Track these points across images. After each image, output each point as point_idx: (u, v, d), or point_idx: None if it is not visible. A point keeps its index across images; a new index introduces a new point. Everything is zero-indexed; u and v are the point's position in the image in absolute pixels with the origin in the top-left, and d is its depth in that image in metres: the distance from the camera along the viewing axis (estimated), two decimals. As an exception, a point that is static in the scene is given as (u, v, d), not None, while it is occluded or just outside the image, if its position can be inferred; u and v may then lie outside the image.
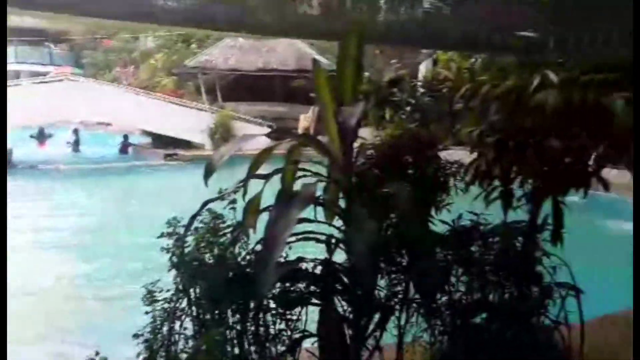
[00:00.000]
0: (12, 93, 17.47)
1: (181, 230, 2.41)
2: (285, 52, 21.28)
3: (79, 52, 36.23)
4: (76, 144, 18.73)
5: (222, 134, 17.85)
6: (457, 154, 2.93)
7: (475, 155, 2.60)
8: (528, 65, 2.88)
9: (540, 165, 2.50)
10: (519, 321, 2.59)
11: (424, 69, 18.02)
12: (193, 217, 2.41)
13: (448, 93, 14.91)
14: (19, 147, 17.02)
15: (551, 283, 2.61)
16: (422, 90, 16.11)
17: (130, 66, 28.30)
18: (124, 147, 19.13)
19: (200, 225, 2.48)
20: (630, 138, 2.24)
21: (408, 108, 14.64)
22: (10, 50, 36.48)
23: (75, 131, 18.91)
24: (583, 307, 2.63)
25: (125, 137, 19.40)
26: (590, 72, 2.39)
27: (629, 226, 2.57)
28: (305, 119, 20.18)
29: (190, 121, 18.18)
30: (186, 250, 2.40)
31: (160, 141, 18.48)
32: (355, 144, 2.67)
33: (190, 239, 2.45)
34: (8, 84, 19.52)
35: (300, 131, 20.13)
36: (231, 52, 21.82)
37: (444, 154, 2.74)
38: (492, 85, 2.47)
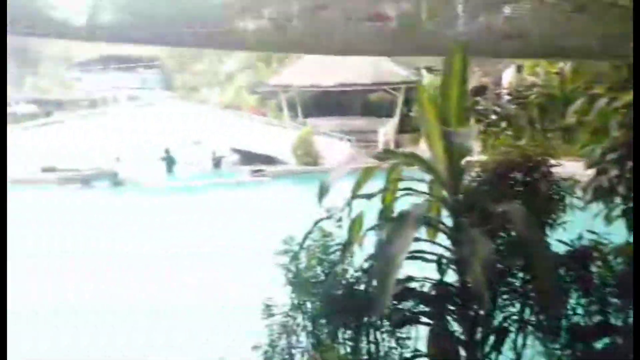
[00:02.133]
0: (112, 116, 19.17)
1: (295, 248, 2.52)
2: (363, 66, 21.44)
3: (170, 76, 38.89)
4: (169, 163, 19.95)
5: (304, 149, 18.28)
6: (568, 168, 2.82)
7: (593, 171, 2.48)
8: (623, 68, 2.71)
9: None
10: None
11: (508, 75, 17.38)
12: (306, 235, 2.52)
13: (536, 100, 14.25)
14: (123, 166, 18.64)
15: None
16: (507, 97, 15.53)
17: (216, 87, 29.88)
18: (216, 163, 20.19)
19: (311, 242, 2.58)
20: None
21: (494, 117, 14.15)
22: (110, 76, 40.04)
23: (167, 151, 20.16)
24: None
25: (214, 153, 20.50)
26: None
27: None
28: (385, 133, 20.15)
29: (274, 138, 18.82)
30: (300, 266, 2.51)
31: (248, 158, 19.28)
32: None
33: (302, 254, 2.56)
34: (108, 108, 21.51)
35: (380, 145, 20.13)
36: (311, 69, 22.36)
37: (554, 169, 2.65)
38: (610, 99, 2.36)
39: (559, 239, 2.45)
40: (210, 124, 18.93)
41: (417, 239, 2.47)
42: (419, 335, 2.59)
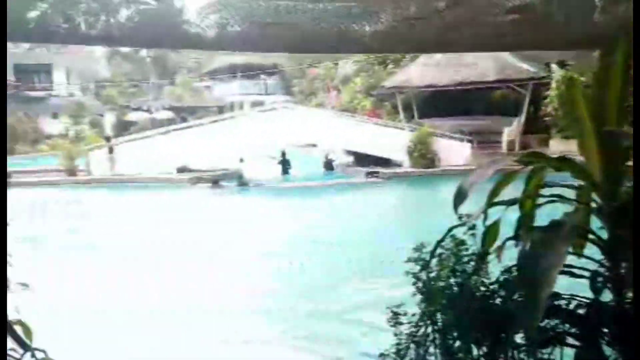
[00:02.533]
0: (239, 122, 20.44)
1: (426, 255, 2.41)
2: (485, 63, 20.36)
3: (289, 81, 40.59)
4: (284, 165, 20.75)
5: (420, 150, 17.87)
6: None
7: None
8: None
9: None
10: None
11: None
12: (438, 243, 2.39)
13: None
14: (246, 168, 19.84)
15: None
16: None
17: (333, 91, 30.51)
18: (327, 166, 20.61)
19: (443, 251, 2.45)
20: None
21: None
22: (235, 84, 42.90)
23: (283, 153, 21.01)
24: None
25: (327, 156, 20.94)
26: None
27: None
28: (509, 133, 18.92)
29: (389, 139, 18.65)
30: (431, 275, 2.39)
31: (362, 159, 19.37)
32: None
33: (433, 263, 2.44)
34: (236, 113, 23.05)
35: (504, 145, 18.95)
36: (428, 69, 21.80)
37: None
38: None
39: None
40: (326, 127, 19.31)
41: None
42: (563, 358, 2.34)
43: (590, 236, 2.34)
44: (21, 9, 4.35)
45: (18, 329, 2.17)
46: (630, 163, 2.41)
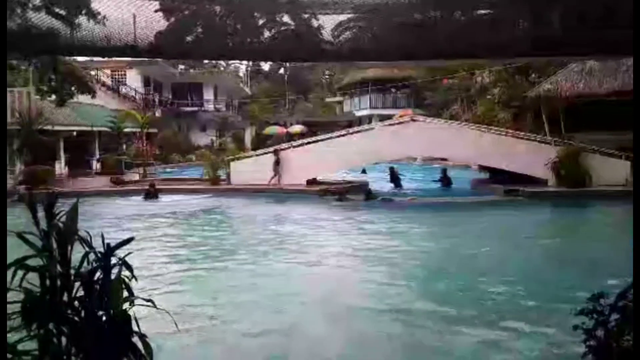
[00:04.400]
0: (368, 135, 20.36)
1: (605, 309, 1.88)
2: (650, 69, 17.67)
3: (420, 94, 39.75)
4: (395, 180, 20.14)
5: (568, 167, 16.03)
6: None
7: None
8: None
9: None
10: None
11: None
12: (620, 297, 1.86)
13: None
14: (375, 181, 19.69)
15: None
16: None
17: (467, 103, 29.07)
18: (444, 181, 19.56)
19: (627, 303, 1.90)
20: None
21: None
22: (365, 98, 43.26)
23: (391, 169, 20.46)
24: None
25: (444, 170, 19.86)
26: None
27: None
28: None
29: (531, 155, 17.05)
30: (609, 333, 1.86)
31: (498, 175, 18.00)
32: None
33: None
34: (363, 127, 23.07)
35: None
36: (579, 77, 19.63)
37: None
38: None
39: None
40: (458, 141, 18.31)
41: None
42: None
43: None
44: (181, 34, 4.58)
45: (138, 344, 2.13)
46: None
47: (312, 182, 18.77)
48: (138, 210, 15.15)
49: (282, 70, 63.23)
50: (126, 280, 2.11)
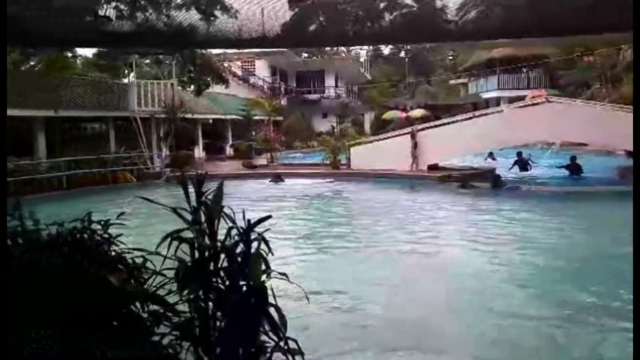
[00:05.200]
0: (496, 118, 19.23)
1: None
2: None
3: (553, 73, 36.44)
4: (524, 167, 18.65)
5: None
6: None
7: None
8: None
9: None
10: None
11: None
12: None
13: None
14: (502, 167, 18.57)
15: None
16: None
17: (611, 81, 26.00)
18: (572, 169, 17.57)
19: None
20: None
21: None
22: (493, 79, 40.78)
23: (519, 154, 18.93)
24: None
25: (573, 158, 17.90)
26: None
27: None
28: None
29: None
30: None
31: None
32: None
33: None
34: (490, 110, 21.74)
35: None
36: None
37: None
38: None
39: None
40: (599, 124, 16.46)
41: None
42: None
43: None
44: (304, 23, 4.80)
45: (274, 315, 2.31)
46: None
47: (433, 167, 18.32)
48: (267, 192, 16.16)
49: (402, 54, 62.14)
50: (263, 254, 2.29)
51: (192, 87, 25.06)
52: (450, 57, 62.81)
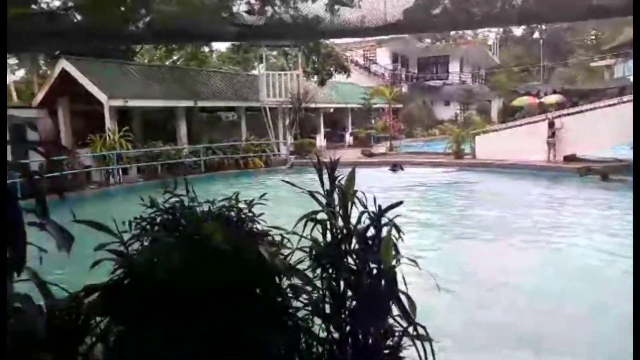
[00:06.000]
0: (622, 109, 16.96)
1: None
2: None
3: None
4: None
5: None
6: None
7: None
8: None
9: None
10: None
11: None
12: None
13: None
14: None
15: None
16: None
17: None
18: None
19: None
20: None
21: None
22: (621, 66, 35.99)
23: None
24: None
25: None
26: None
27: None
28: None
29: None
30: None
31: None
32: None
33: None
34: (614, 101, 19.22)
35: None
36: None
37: None
38: None
39: None
40: None
41: None
42: None
43: None
44: (428, 7, 4.70)
45: (404, 300, 2.33)
46: None
47: (570, 158, 16.79)
48: (388, 180, 16.17)
49: (536, 34, 57.42)
50: (394, 239, 2.33)
51: (316, 77, 25.80)
52: (593, 37, 56.55)
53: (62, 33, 5.24)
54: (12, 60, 29.16)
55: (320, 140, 27.70)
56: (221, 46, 36.57)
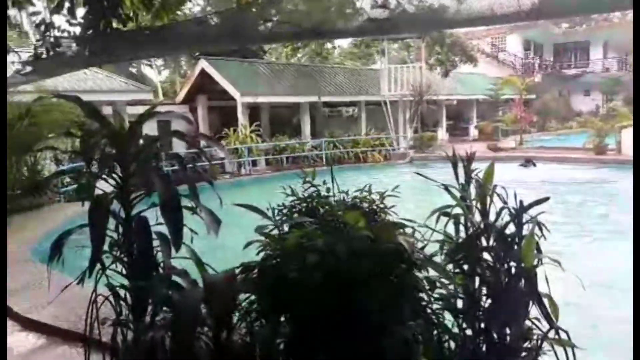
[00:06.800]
0: None
1: None
2: None
3: None
4: None
5: None
6: None
7: None
8: None
9: None
10: None
11: None
12: None
13: None
14: None
15: None
16: None
17: None
18: None
19: None
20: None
21: None
22: None
23: None
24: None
25: None
26: None
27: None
28: None
29: None
30: None
31: None
32: None
33: None
34: None
35: None
36: None
37: None
38: None
39: None
40: None
41: None
42: None
43: None
44: None
45: (546, 303, 2.20)
46: None
47: None
48: (516, 177, 15.16)
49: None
50: (536, 238, 2.20)
51: (439, 69, 25.04)
52: None
53: (205, 35, 5.71)
54: (158, 62, 32.66)
55: (442, 134, 26.86)
56: (343, 42, 37.12)
